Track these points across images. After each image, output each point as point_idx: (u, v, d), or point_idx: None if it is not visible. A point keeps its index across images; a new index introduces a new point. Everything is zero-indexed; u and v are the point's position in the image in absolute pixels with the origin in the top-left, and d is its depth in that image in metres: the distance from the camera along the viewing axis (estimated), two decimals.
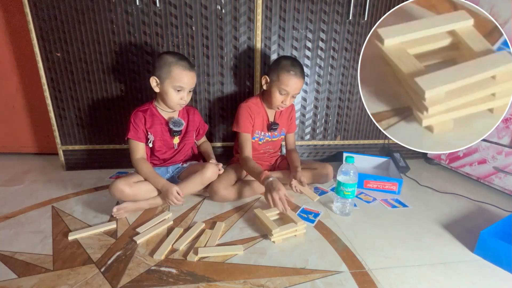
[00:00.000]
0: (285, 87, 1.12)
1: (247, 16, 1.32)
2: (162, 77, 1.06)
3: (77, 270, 0.76)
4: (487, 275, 0.79)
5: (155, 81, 1.08)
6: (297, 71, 1.12)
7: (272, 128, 1.24)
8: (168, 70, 1.05)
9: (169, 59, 1.06)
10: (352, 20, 1.41)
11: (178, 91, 1.08)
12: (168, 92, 1.08)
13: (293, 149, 1.34)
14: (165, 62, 1.06)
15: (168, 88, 1.07)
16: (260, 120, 1.24)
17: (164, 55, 1.08)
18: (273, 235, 0.89)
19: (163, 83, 1.07)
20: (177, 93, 1.08)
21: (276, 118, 1.27)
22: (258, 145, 1.29)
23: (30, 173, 1.42)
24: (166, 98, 1.09)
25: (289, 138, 1.36)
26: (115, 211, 0.98)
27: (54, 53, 1.27)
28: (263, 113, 1.25)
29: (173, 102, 1.10)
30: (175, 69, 1.05)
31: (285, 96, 1.15)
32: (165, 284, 0.72)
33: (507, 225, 0.94)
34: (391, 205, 1.16)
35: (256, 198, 1.19)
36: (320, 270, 0.78)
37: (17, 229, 0.94)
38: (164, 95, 1.09)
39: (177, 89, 1.08)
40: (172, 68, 1.05)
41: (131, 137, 1.09)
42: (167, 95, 1.08)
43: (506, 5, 1.20)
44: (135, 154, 1.10)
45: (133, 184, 1.02)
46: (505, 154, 1.24)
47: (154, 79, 1.08)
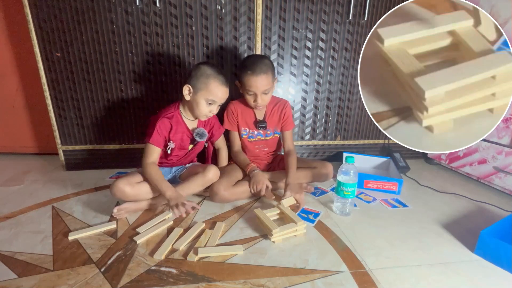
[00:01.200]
0: (249, 88, 1.14)
1: (247, 16, 1.32)
2: (197, 87, 1.06)
3: (77, 270, 0.76)
4: (487, 275, 0.79)
5: (188, 90, 1.07)
6: (256, 69, 1.10)
7: (259, 126, 1.25)
8: (205, 81, 1.05)
9: (208, 71, 1.06)
10: (352, 20, 1.41)
11: (209, 104, 1.08)
12: (199, 103, 1.07)
13: (290, 150, 1.26)
14: (203, 73, 1.05)
15: (201, 99, 1.07)
16: (245, 118, 1.25)
17: (202, 65, 1.07)
18: (273, 235, 0.89)
19: (197, 93, 1.06)
20: (208, 105, 1.08)
21: (266, 117, 1.26)
22: (249, 143, 1.29)
23: (30, 173, 1.42)
24: (196, 108, 1.08)
25: (286, 137, 1.29)
26: (116, 211, 0.98)
27: (54, 53, 1.27)
28: (250, 111, 1.25)
29: (201, 113, 1.09)
30: (212, 82, 1.05)
31: (254, 95, 1.15)
32: (165, 284, 0.72)
33: (507, 225, 0.94)
34: (391, 205, 1.16)
35: (256, 198, 1.19)
36: (320, 270, 0.78)
37: (17, 229, 0.94)
38: (194, 105, 1.08)
39: (209, 102, 1.07)
40: (210, 80, 1.05)
41: (152, 142, 1.06)
42: (197, 105, 1.08)
43: (506, 5, 1.20)
44: (148, 158, 1.06)
45: (134, 185, 1.02)
46: (505, 154, 1.24)
47: (188, 88, 1.07)
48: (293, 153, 1.24)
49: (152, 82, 1.36)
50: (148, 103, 1.39)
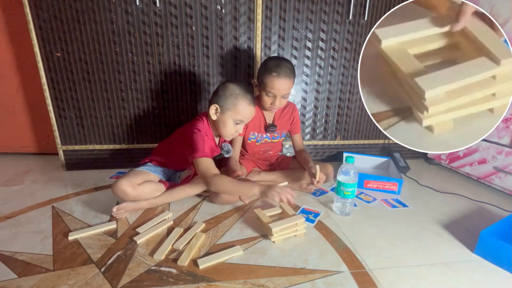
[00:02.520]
0: (271, 89, 1.12)
1: (247, 16, 1.32)
2: (225, 107, 1.04)
3: (77, 270, 0.76)
4: (487, 275, 0.79)
5: (215, 109, 1.05)
6: (281, 72, 1.09)
7: (269, 129, 1.24)
8: (233, 102, 1.03)
9: (236, 91, 1.04)
10: (352, 20, 1.41)
11: (236, 123, 1.06)
12: (226, 124, 1.06)
13: (303, 149, 1.31)
14: (232, 93, 1.03)
15: (228, 120, 1.05)
16: (255, 122, 1.24)
17: (230, 84, 1.05)
18: (273, 235, 0.89)
19: (224, 113, 1.05)
20: (235, 125, 1.07)
21: (275, 120, 1.27)
22: (256, 146, 1.29)
23: (30, 173, 1.42)
24: (223, 127, 1.07)
25: (296, 140, 1.33)
26: (115, 210, 0.98)
27: (54, 53, 1.27)
28: (260, 114, 1.24)
29: (228, 133, 1.08)
30: (241, 102, 1.03)
31: (273, 98, 1.14)
32: (165, 284, 0.72)
33: (507, 225, 0.94)
34: (391, 205, 1.16)
35: (256, 198, 1.19)
36: (320, 270, 0.78)
37: (17, 229, 0.94)
38: (221, 125, 1.07)
39: (237, 122, 1.06)
40: (239, 101, 1.03)
41: (205, 156, 1.00)
42: (225, 125, 1.06)
43: (506, 5, 1.20)
44: (209, 171, 0.97)
45: (136, 186, 1.00)
46: (505, 154, 1.24)
47: (215, 107, 1.05)
48: (306, 151, 1.28)
49: (152, 82, 1.36)
50: (148, 103, 1.39)
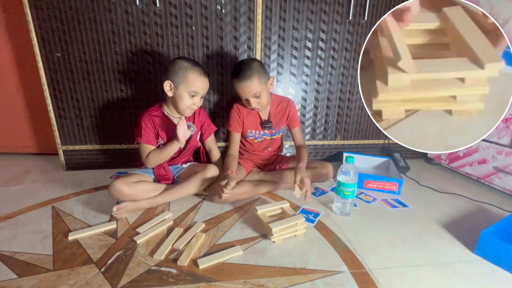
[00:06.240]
0: (242, 94, 1.16)
1: (247, 16, 1.32)
2: (177, 82, 1.07)
3: (77, 270, 0.76)
4: (487, 275, 0.79)
5: (169, 85, 1.08)
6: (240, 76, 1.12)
7: (265, 126, 1.25)
8: (183, 75, 1.06)
9: (184, 64, 1.07)
10: (352, 20, 1.41)
11: (192, 96, 1.09)
12: (182, 97, 1.09)
13: (301, 145, 1.27)
14: (180, 67, 1.07)
15: (183, 93, 1.08)
16: (251, 120, 1.26)
17: (178, 60, 1.09)
18: (273, 235, 0.89)
19: (178, 87, 1.08)
20: (191, 98, 1.10)
21: (271, 116, 1.27)
22: (255, 143, 1.30)
23: (30, 173, 1.42)
24: (180, 102, 1.10)
25: (295, 134, 1.31)
26: (115, 210, 0.98)
27: (54, 53, 1.27)
28: (255, 113, 1.25)
29: (185, 106, 1.10)
30: (191, 74, 1.07)
31: (247, 101, 1.17)
32: (165, 284, 0.72)
33: (507, 225, 0.94)
34: (391, 205, 1.16)
35: (256, 198, 1.19)
36: (320, 270, 0.78)
37: (17, 229, 0.94)
38: (177, 100, 1.10)
39: (192, 94, 1.09)
40: (188, 73, 1.06)
41: (144, 142, 1.10)
42: (181, 99, 1.09)
43: (506, 5, 1.20)
44: (145, 155, 1.11)
45: (131, 184, 1.02)
46: (505, 154, 1.24)
47: (168, 83, 1.08)
48: (305, 147, 1.27)
49: (152, 82, 1.36)
50: (148, 103, 1.38)
